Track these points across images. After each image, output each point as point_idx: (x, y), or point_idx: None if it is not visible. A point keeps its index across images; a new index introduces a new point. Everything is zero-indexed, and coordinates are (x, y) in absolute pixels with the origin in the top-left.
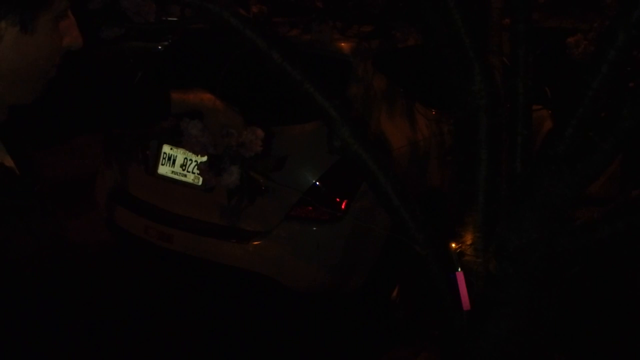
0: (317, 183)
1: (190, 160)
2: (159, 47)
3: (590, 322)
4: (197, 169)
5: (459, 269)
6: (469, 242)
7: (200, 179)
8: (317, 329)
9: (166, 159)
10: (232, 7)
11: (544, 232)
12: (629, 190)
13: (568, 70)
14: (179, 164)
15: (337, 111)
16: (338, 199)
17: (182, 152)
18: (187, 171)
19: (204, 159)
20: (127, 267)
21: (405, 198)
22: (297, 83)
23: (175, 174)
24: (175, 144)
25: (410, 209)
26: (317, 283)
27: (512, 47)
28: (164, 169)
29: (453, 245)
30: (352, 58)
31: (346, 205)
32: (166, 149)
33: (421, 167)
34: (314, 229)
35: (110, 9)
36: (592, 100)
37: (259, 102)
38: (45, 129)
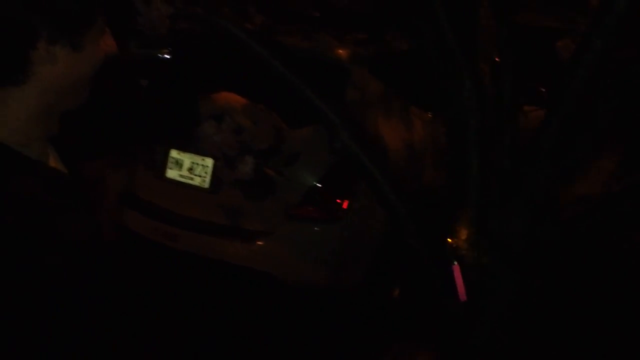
0: (318, 183)
1: (197, 164)
2: (159, 55)
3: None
4: (214, 167)
5: (455, 263)
6: (463, 237)
7: (207, 181)
8: (321, 326)
9: (174, 163)
10: (238, 21)
11: (530, 223)
12: (609, 185)
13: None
14: (186, 167)
15: (337, 115)
16: (338, 200)
17: (189, 156)
18: (194, 174)
19: (210, 162)
20: (134, 266)
21: (400, 194)
22: (299, 90)
23: (182, 177)
24: (183, 148)
25: (406, 204)
26: (317, 280)
27: (497, 51)
28: (172, 173)
29: (449, 240)
30: (349, 64)
31: (346, 205)
32: (174, 153)
33: (417, 167)
34: (315, 228)
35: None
36: (572, 100)
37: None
38: (91, 143)
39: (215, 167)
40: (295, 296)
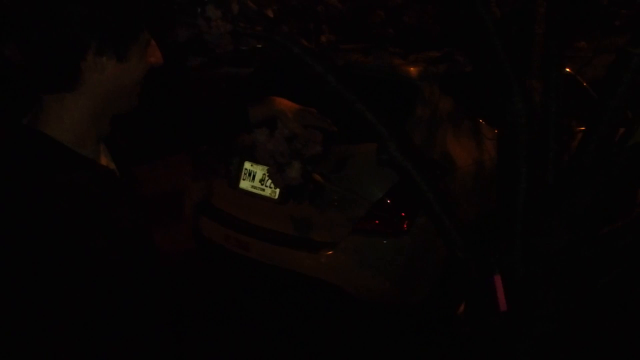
0: (384, 197)
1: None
2: (244, 71)
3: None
4: (267, 172)
5: (497, 273)
6: (508, 249)
7: (277, 192)
8: (386, 341)
9: (247, 174)
10: (294, 38)
11: (571, 238)
12: None
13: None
14: (258, 179)
15: (385, 127)
16: (403, 214)
17: (261, 168)
18: (265, 186)
19: None
20: (209, 271)
21: (447, 205)
22: (350, 102)
23: (254, 188)
24: (256, 160)
25: (452, 215)
26: (381, 293)
27: (545, 70)
28: (244, 184)
29: (493, 252)
30: (420, 81)
31: (411, 220)
32: (247, 165)
33: (487, 185)
34: (380, 241)
35: (194, 41)
36: (611, 118)
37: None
38: (143, 148)
39: None
40: (361, 310)
